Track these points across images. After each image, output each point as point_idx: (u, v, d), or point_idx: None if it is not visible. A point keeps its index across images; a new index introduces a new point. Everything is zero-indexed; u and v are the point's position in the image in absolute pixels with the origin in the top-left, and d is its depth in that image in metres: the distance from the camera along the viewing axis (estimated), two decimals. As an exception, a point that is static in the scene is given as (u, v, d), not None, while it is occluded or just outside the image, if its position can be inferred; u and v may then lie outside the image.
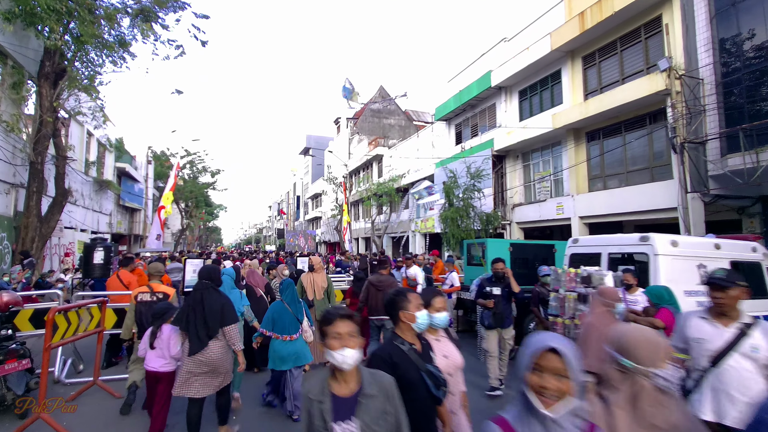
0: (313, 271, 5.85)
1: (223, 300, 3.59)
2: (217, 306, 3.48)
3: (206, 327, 3.40)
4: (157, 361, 3.65)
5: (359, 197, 30.44)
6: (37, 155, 11.08)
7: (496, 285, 4.98)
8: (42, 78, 11.11)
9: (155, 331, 3.70)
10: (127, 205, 23.92)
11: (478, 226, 14.94)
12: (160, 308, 3.83)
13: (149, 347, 3.66)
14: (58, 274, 11.81)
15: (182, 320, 3.44)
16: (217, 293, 3.61)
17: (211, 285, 3.64)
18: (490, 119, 17.67)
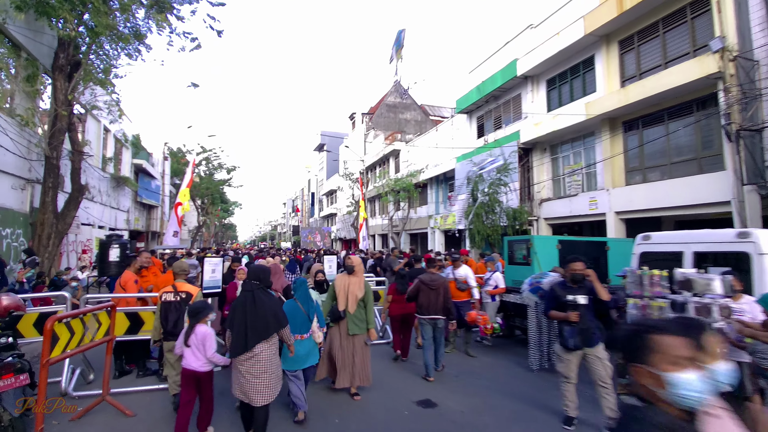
0: (352, 274, 4.83)
1: (275, 302, 3.57)
2: (270, 309, 3.44)
3: (256, 330, 3.35)
4: (195, 361, 3.59)
5: (376, 193, 29.90)
6: (52, 150, 10.81)
7: (576, 292, 3.92)
8: (56, 70, 10.83)
9: (189, 330, 3.61)
10: (144, 202, 23.85)
11: (504, 222, 14.25)
12: (196, 306, 3.71)
13: (184, 344, 3.60)
14: (75, 272, 11.58)
15: (230, 321, 3.43)
16: (268, 295, 3.57)
17: (262, 286, 3.57)
18: (515, 111, 16.89)
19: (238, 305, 3.45)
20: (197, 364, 3.56)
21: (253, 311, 3.37)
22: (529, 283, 5.42)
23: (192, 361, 3.57)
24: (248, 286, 3.54)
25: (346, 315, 4.70)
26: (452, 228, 21.64)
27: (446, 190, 23.28)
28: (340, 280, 4.85)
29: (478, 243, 14.00)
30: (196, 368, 3.56)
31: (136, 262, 5.18)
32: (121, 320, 4.34)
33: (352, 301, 4.70)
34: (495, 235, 14.03)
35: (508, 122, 17.20)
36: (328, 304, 4.77)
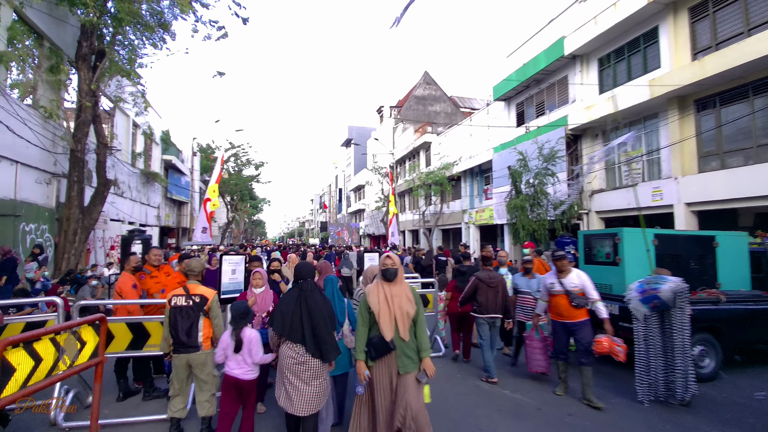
0: (393, 281, 3.22)
1: (329, 303, 3.30)
2: (325, 311, 3.18)
3: (314, 334, 3.09)
4: (239, 368, 3.34)
5: (406, 187, 28.89)
6: (76, 142, 10.45)
7: None
8: (79, 60, 10.43)
9: (237, 335, 3.33)
10: (174, 198, 23.82)
11: (552, 215, 12.97)
12: (242, 308, 3.44)
13: (233, 351, 3.32)
14: (101, 269, 11.23)
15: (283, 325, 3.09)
16: (321, 295, 3.30)
17: (316, 286, 3.32)
18: (561, 94, 15.47)
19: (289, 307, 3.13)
20: (240, 371, 3.31)
21: (308, 314, 3.10)
22: (638, 289, 4.26)
23: (235, 368, 3.31)
24: (305, 285, 3.23)
25: (396, 343, 3.11)
26: (489, 223, 20.39)
27: (482, 182, 22.00)
28: (375, 295, 3.17)
29: (523, 238, 12.78)
30: (239, 376, 3.30)
31: (129, 261, 4.37)
32: (122, 333, 3.62)
33: (402, 323, 3.10)
34: (541, 230, 12.78)
35: (552, 108, 15.80)
36: (363, 333, 3.16)
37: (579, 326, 4.58)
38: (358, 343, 3.14)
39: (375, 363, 3.11)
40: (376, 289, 3.20)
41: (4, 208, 8.42)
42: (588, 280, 4.59)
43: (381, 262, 3.28)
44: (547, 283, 4.84)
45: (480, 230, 22.50)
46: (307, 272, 3.31)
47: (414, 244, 27.89)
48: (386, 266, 3.24)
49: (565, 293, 4.60)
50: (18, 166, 9.10)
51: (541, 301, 5.01)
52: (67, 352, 2.31)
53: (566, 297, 4.59)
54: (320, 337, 3.07)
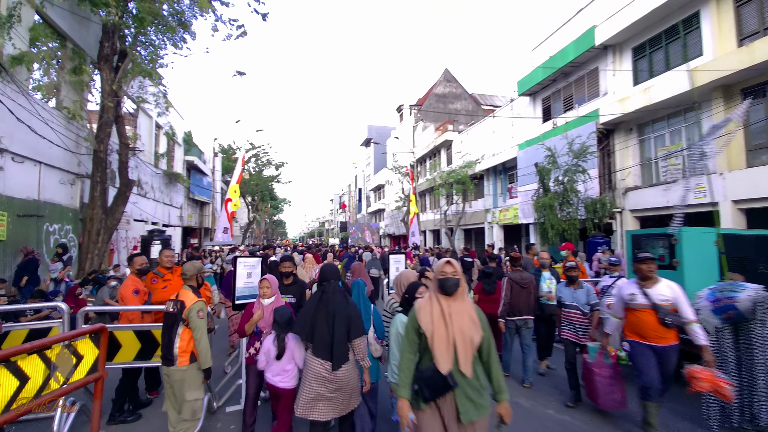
0: (450, 295, 2.43)
1: (352, 307, 3.12)
2: (344, 315, 3.00)
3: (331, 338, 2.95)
4: (279, 376, 3.23)
5: (427, 186, 28.41)
6: (99, 143, 10.48)
7: None
8: (101, 60, 10.47)
9: (283, 341, 3.22)
10: (197, 199, 24.05)
11: (582, 215, 12.33)
12: (287, 314, 3.29)
13: (276, 358, 3.20)
14: (124, 269, 11.26)
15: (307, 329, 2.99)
16: (346, 299, 3.15)
17: (340, 288, 3.18)
18: (591, 88, 14.74)
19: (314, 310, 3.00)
20: (278, 378, 3.20)
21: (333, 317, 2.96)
22: (709, 298, 3.71)
23: (275, 376, 3.20)
24: (330, 287, 3.10)
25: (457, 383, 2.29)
26: (513, 222, 19.73)
27: (505, 181, 21.35)
28: (428, 311, 2.39)
29: (552, 238, 12.18)
30: (277, 383, 3.20)
31: (134, 263, 4.09)
32: (130, 341, 3.37)
33: (464, 351, 2.29)
34: (572, 229, 12.14)
35: (581, 101, 15.08)
36: (409, 361, 2.41)
37: (668, 352, 3.58)
38: (402, 375, 2.37)
39: (427, 405, 2.30)
40: (430, 305, 2.39)
41: (27, 208, 8.45)
42: (683, 294, 3.64)
43: (439, 269, 2.47)
44: (625, 295, 3.78)
45: (504, 230, 21.85)
46: (331, 274, 3.17)
47: (435, 245, 27.38)
48: (445, 275, 2.40)
49: (651, 308, 3.63)
50: (41, 167, 9.15)
51: (612, 317, 3.99)
52: (60, 369, 2.05)
53: (653, 313, 3.62)
54: (334, 342, 2.91)
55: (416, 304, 2.52)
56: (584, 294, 4.69)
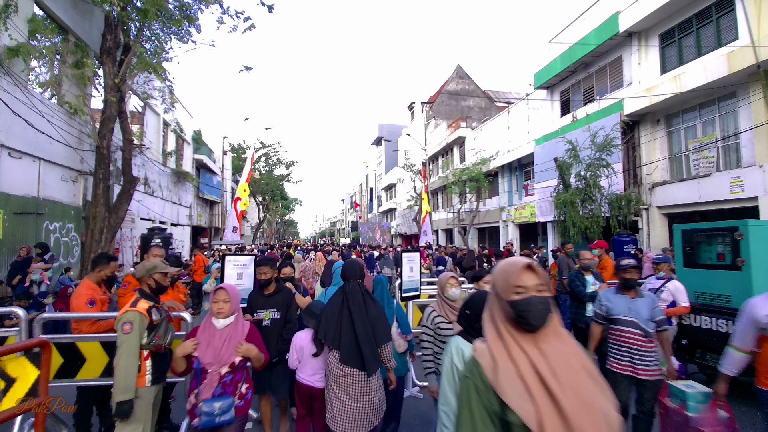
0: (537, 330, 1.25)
1: (378, 307, 2.92)
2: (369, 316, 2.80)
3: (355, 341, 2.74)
4: (314, 375, 3.01)
5: (440, 184, 27.78)
6: (101, 139, 10.17)
7: None
8: (104, 54, 10.15)
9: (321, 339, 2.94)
10: (206, 198, 23.86)
11: (606, 212, 11.62)
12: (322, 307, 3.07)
13: (312, 355, 2.96)
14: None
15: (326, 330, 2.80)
16: (370, 298, 2.93)
17: (363, 287, 2.94)
18: (614, 77, 13.98)
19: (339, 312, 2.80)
20: (314, 379, 2.98)
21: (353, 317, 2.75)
22: None
23: (311, 376, 2.98)
24: (354, 287, 2.88)
25: None
26: (530, 221, 19.02)
27: (521, 178, 20.63)
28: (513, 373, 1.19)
29: (573, 237, 11.49)
30: (313, 383, 2.97)
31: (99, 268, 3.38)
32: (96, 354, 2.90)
33: None
34: (594, 227, 11.44)
35: (603, 93, 14.32)
36: None
37: None
38: None
39: None
40: (509, 356, 1.22)
41: (25, 205, 8.15)
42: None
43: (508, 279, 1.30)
44: (762, 316, 2.51)
45: (519, 229, 21.13)
46: (352, 272, 2.96)
47: (449, 244, 26.75)
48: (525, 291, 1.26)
49: None
50: (41, 163, 8.86)
51: (736, 351, 2.65)
52: (-23, 397, 1.58)
53: None
54: (361, 345, 2.70)
55: (479, 354, 1.28)
56: (646, 306, 3.23)
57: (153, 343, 2.52)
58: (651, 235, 12.23)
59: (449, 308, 3.02)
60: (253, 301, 3.52)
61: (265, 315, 3.44)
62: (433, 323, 3.00)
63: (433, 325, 2.99)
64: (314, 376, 2.98)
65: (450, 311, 3.00)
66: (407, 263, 3.75)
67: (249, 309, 3.49)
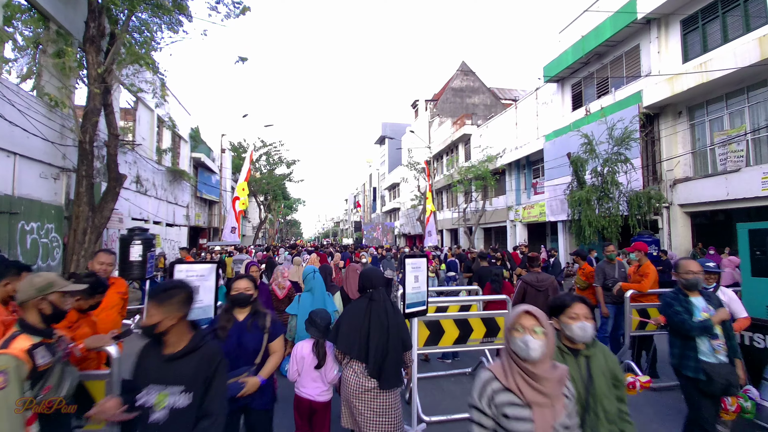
0: None
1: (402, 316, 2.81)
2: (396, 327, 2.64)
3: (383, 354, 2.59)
4: (315, 387, 2.83)
5: (445, 183, 27.05)
6: (84, 133, 9.54)
7: None
8: (87, 42, 9.51)
9: (323, 346, 2.82)
10: (205, 197, 23.25)
11: (625, 210, 10.85)
12: (327, 316, 2.90)
13: (314, 367, 2.78)
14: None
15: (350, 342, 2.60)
16: (394, 307, 2.76)
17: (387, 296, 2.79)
18: (631, 68, 13.19)
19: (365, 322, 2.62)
20: (316, 392, 2.85)
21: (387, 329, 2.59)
22: None
23: (312, 389, 2.84)
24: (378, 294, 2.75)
25: None
26: (539, 220, 18.24)
27: (530, 176, 19.84)
28: None
29: (589, 237, 10.73)
30: (314, 397, 2.83)
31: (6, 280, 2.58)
32: None
33: None
34: (612, 227, 10.68)
35: (619, 85, 13.53)
36: None
37: None
38: None
39: None
40: None
41: (-3, 204, 7.51)
42: None
43: None
44: None
45: (527, 229, 20.35)
46: (377, 280, 2.81)
47: (454, 244, 26.00)
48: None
49: None
50: (16, 159, 8.23)
51: None
52: None
53: None
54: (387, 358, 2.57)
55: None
56: None
57: (40, 400, 1.71)
58: (672, 234, 11.43)
59: (524, 376, 1.56)
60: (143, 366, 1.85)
61: (158, 399, 1.76)
62: (493, 402, 1.58)
63: (493, 406, 1.57)
64: (316, 390, 2.82)
65: (526, 383, 1.55)
66: (411, 271, 3.00)
67: (132, 382, 1.86)
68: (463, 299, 5.24)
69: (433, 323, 3.51)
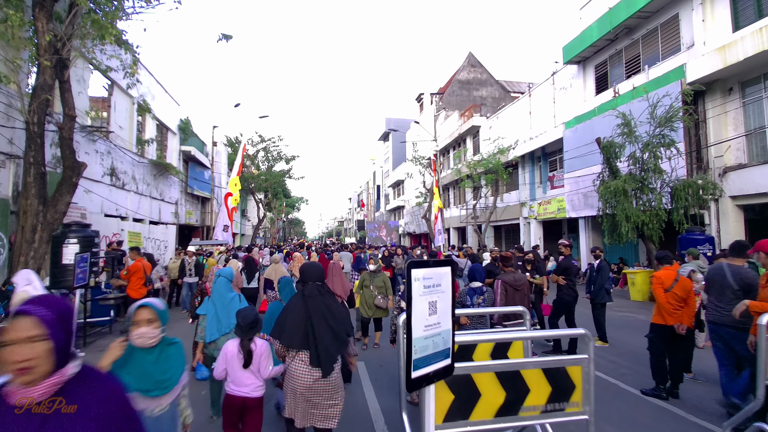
0: None
1: (338, 309, 2.89)
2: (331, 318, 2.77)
3: (337, 342, 2.75)
4: (248, 384, 2.83)
5: (452, 179, 25.46)
6: (31, 113, 8.12)
7: None
8: (36, 7, 8.12)
9: (249, 346, 2.83)
10: (197, 194, 21.84)
11: (667, 203, 9.27)
12: (252, 317, 2.90)
13: (244, 366, 2.80)
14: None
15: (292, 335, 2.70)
16: (332, 300, 2.92)
17: (324, 289, 2.90)
18: (668, 41, 11.57)
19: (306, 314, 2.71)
20: (249, 388, 2.82)
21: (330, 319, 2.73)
22: None
23: (245, 386, 2.82)
24: (316, 289, 2.84)
25: None
26: (557, 217, 16.64)
27: (546, 168, 18.23)
28: None
29: (626, 235, 9.13)
30: (247, 393, 2.81)
31: None
32: None
33: None
34: (654, 223, 9.10)
35: (654, 61, 11.90)
36: None
37: None
38: None
39: None
40: None
41: None
42: None
43: None
44: None
45: (543, 226, 18.74)
46: (309, 275, 2.90)
47: (462, 244, 24.40)
48: None
49: None
50: (-61, 140, 6.79)
51: None
52: None
53: None
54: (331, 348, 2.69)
55: None
56: None
57: None
58: (722, 231, 9.81)
59: None
60: None
61: None
62: None
63: None
64: (250, 386, 2.84)
65: None
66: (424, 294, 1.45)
67: None
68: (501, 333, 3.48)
69: (461, 380, 2.00)
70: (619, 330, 6.77)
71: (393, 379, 4.87)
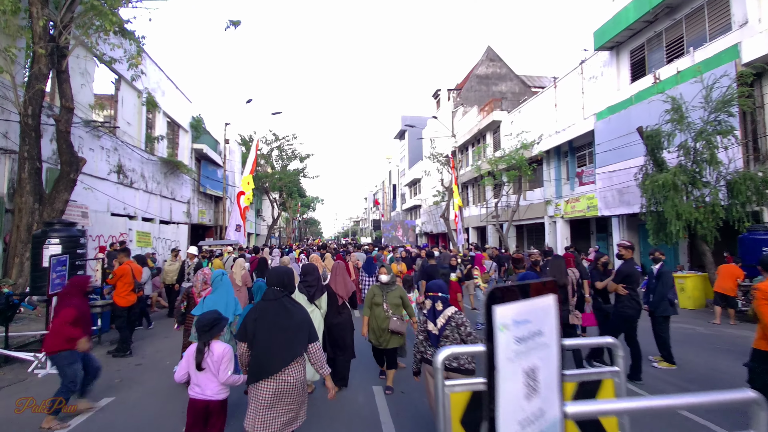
0: None
1: (305, 312, 2.91)
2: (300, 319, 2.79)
3: (290, 344, 2.70)
4: (210, 387, 2.85)
5: (471, 176, 24.46)
6: (26, 105, 7.61)
7: None
8: (30, -9, 7.61)
9: (203, 348, 2.83)
10: (210, 193, 21.41)
11: (724, 199, 8.20)
12: (209, 319, 2.88)
13: (197, 368, 2.81)
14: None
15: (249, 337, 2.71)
16: (294, 303, 2.92)
17: (287, 293, 2.89)
18: (716, 20, 10.43)
19: (260, 317, 2.74)
20: (211, 391, 2.85)
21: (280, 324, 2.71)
22: None
23: (205, 389, 2.85)
24: (273, 294, 2.83)
25: None
26: (586, 215, 15.52)
27: (573, 164, 17.10)
28: None
29: (676, 234, 8.09)
30: (210, 396, 2.85)
31: None
32: None
33: None
34: (709, 221, 8.04)
35: (700, 43, 10.77)
36: None
37: None
38: None
39: None
40: None
41: None
42: None
43: None
44: None
45: (570, 225, 17.61)
46: (270, 279, 2.94)
47: (483, 245, 23.37)
48: None
49: None
50: None
51: None
52: None
53: None
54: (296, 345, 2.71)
55: None
56: None
57: None
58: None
59: None
60: None
61: None
62: None
63: None
64: (215, 389, 2.86)
65: None
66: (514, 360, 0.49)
67: None
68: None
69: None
70: (681, 346, 5.63)
71: (419, 413, 3.93)
